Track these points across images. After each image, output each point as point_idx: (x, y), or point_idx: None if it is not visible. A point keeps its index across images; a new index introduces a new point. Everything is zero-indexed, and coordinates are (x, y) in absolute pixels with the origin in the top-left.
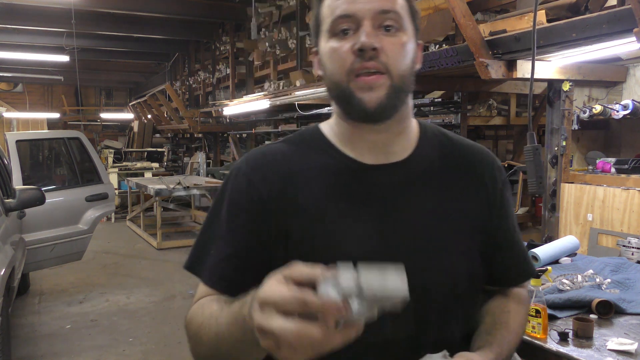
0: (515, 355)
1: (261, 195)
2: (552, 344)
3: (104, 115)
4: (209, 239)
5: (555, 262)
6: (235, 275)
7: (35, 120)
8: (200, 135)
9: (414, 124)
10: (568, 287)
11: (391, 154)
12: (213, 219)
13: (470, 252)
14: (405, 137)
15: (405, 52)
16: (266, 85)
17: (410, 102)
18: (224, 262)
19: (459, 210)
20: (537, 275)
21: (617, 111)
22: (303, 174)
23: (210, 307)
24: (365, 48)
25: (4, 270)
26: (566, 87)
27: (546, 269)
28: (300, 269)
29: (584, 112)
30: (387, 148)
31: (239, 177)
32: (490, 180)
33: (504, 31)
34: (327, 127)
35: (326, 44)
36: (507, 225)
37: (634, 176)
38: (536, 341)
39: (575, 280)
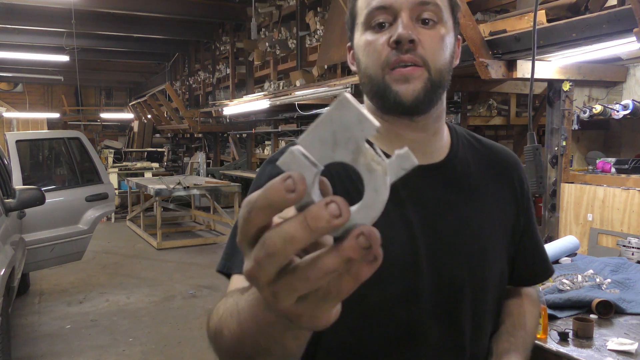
0: None
1: None
2: (552, 344)
3: (104, 115)
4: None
5: (555, 262)
6: None
7: (35, 120)
8: (200, 135)
9: (444, 125)
10: (568, 287)
11: (428, 155)
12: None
13: (503, 255)
14: (440, 137)
15: (443, 46)
16: (266, 85)
17: (445, 101)
18: None
19: (494, 213)
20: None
21: (617, 111)
22: (350, 175)
23: (233, 296)
24: (402, 40)
25: (4, 270)
26: (566, 87)
27: None
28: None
29: (584, 112)
30: (424, 148)
31: (276, 165)
32: (518, 183)
33: (504, 31)
34: None
35: (361, 37)
36: (532, 226)
37: (634, 176)
38: (536, 341)
39: (575, 280)
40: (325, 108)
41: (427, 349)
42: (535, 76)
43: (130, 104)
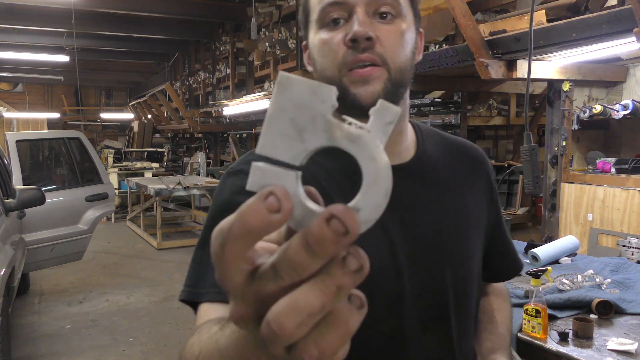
0: (515, 355)
1: None
2: (552, 344)
3: (104, 115)
4: (209, 255)
5: (555, 262)
6: None
7: (35, 120)
8: (200, 135)
9: (408, 124)
10: (568, 287)
11: (395, 155)
12: (207, 237)
13: (479, 251)
14: (405, 137)
15: (404, 42)
16: (266, 85)
17: (408, 100)
18: None
19: (469, 210)
20: (521, 269)
21: (617, 111)
22: (315, 178)
23: (209, 330)
24: (358, 38)
25: (4, 270)
26: (566, 87)
27: (546, 269)
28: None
29: (584, 112)
30: (389, 149)
31: (241, 177)
32: (487, 177)
33: (504, 31)
34: None
35: (316, 36)
36: (500, 221)
37: (634, 176)
38: (536, 341)
39: (575, 280)
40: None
41: (416, 356)
42: (536, 76)
43: (130, 104)
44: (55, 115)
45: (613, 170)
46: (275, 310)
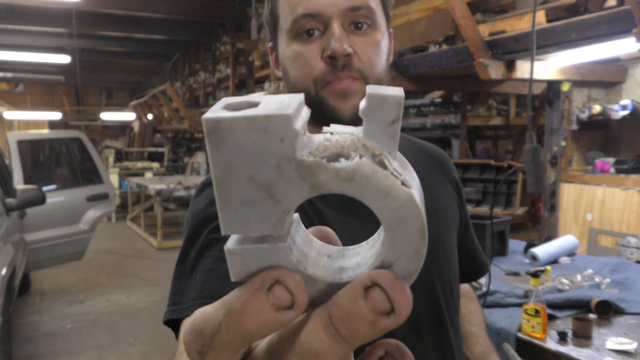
0: (515, 354)
1: None
2: (552, 344)
3: (105, 116)
4: (189, 271)
5: (554, 261)
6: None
7: (36, 120)
8: (200, 135)
9: None
10: (567, 287)
11: None
12: (190, 247)
13: (455, 253)
14: None
15: (380, 52)
16: (266, 85)
17: None
18: (213, 273)
19: (444, 210)
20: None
21: (617, 111)
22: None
23: None
24: (337, 55)
25: (5, 270)
26: (566, 87)
27: (545, 269)
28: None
29: (584, 112)
30: None
31: (210, 189)
32: (454, 178)
33: (504, 31)
34: None
35: (288, 47)
36: (469, 222)
37: (633, 176)
38: (535, 341)
39: (574, 280)
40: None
41: None
42: (535, 76)
43: (130, 104)
44: (56, 116)
45: (612, 170)
46: None
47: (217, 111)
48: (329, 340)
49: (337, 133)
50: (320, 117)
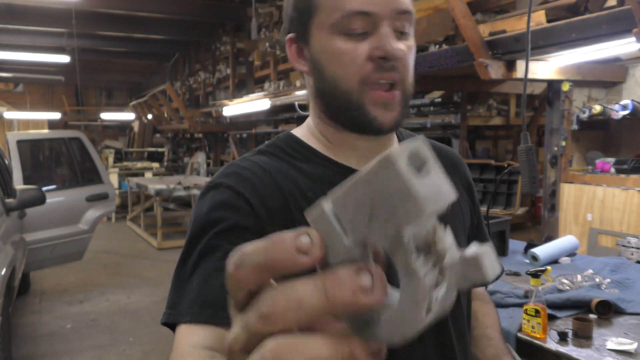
0: (515, 354)
1: (256, 210)
2: (552, 344)
3: (105, 116)
4: (188, 275)
5: (554, 262)
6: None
7: (36, 120)
8: (200, 135)
9: None
10: (567, 287)
11: None
12: (191, 250)
13: None
14: (392, 140)
15: (413, 59)
16: (266, 85)
17: None
18: (210, 280)
19: (455, 212)
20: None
21: (617, 111)
22: (297, 189)
23: None
24: (391, 57)
25: (4, 270)
26: (566, 87)
27: (546, 269)
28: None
29: (584, 112)
30: (377, 154)
31: (221, 191)
32: (467, 180)
33: (504, 31)
34: (305, 134)
35: (329, 42)
36: (482, 224)
37: (633, 176)
38: (536, 341)
39: (574, 280)
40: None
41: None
42: (535, 76)
43: (130, 104)
44: (56, 116)
45: (612, 170)
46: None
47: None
48: (316, 293)
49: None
50: (358, 123)
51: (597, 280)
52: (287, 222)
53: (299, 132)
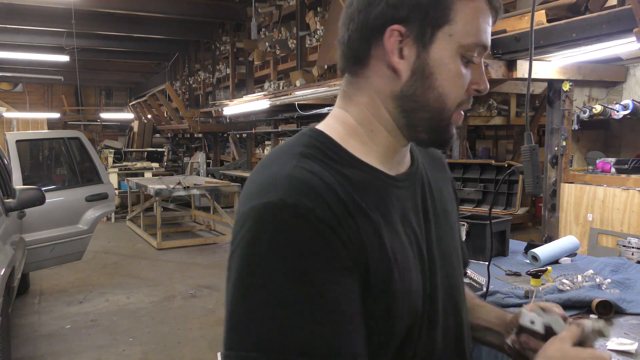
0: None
1: (340, 234)
2: None
3: (104, 115)
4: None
5: (555, 262)
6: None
7: (35, 120)
8: (200, 135)
9: None
10: (568, 287)
11: (403, 164)
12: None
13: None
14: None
15: None
16: (266, 85)
17: None
18: (351, 337)
19: (452, 211)
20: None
21: (617, 111)
22: (355, 197)
23: None
24: (484, 92)
25: (4, 270)
26: (566, 87)
27: (546, 269)
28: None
29: (584, 112)
30: (403, 158)
31: (305, 219)
32: (451, 178)
33: (504, 31)
34: (342, 135)
35: (453, 60)
36: (458, 219)
37: (634, 176)
38: None
39: (575, 280)
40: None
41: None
42: (536, 76)
43: (130, 104)
44: (55, 115)
45: (613, 170)
46: None
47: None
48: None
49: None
50: (439, 137)
51: (598, 280)
52: (358, 230)
53: (332, 131)
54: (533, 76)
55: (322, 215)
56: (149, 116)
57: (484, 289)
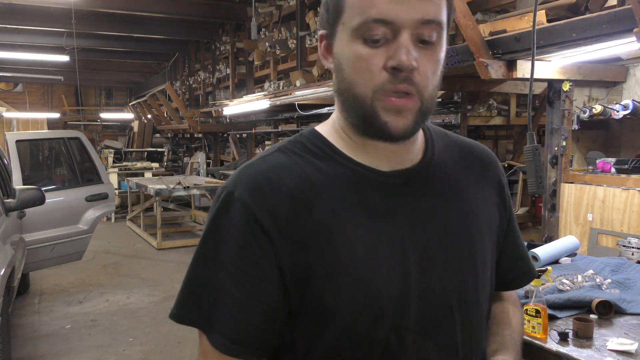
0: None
1: (268, 228)
2: (552, 344)
3: (104, 115)
4: (208, 286)
5: (555, 262)
6: (264, 328)
7: (35, 120)
8: (200, 135)
9: None
10: (568, 287)
11: (406, 160)
12: (208, 262)
13: (490, 259)
14: (416, 141)
15: (438, 69)
16: (266, 85)
17: None
18: (247, 311)
19: (479, 216)
20: (538, 275)
21: (617, 111)
22: (316, 190)
23: None
24: (404, 68)
25: (4, 270)
26: (566, 87)
27: (546, 269)
28: None
29: (584, 112)
30: (400, 156)
31: (234, 208)
32: (498, 181)
33: (504, 31)
34: (330, 132)
35: (349, 45)
36: (514, 226)
37: (634, 176)
38: (536, 341)
39: (575, 280)
40: None
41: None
42: (535, 76)
43: (130, 104)
44: (55, 115)
45: (613, 170)
46: None
47: None
48: None
49: None
50: (370, 129)
51: (598, 280)
52: (301, 230)
53: (323, 128)
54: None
55: (252, 206)
56: (149, 116)
57: None
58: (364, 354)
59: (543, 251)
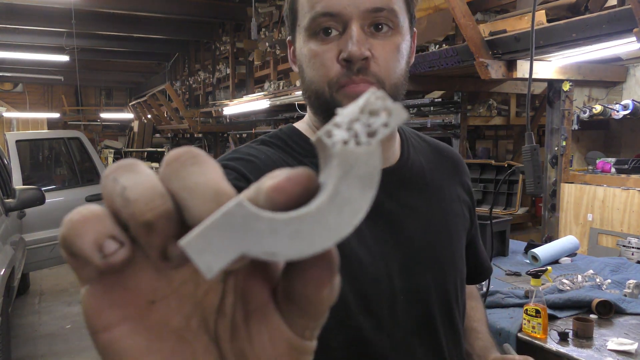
0: (509, 347)
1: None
2: (552, 344)
3: (104, 115)
4: None
5: (555, 262)
6: None
7: (35, 120)
8: (200, 135)
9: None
10: (568, 287)
11: (384, 159)
12: None
13: (463, 256)
14: (393, 141)
15: (399, 57)
16: (266, 85)
17: None
18: None
19: (453, 213)
20: (491, 273)
21: (617, 111)
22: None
23: None
24: (354, 59)
25: (4, 270)
26: (566, 87)
27: (546, 269)
28: None
29: (584, 112)
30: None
31: (227, 172)
32: (466, 181)
33: (504, 31)
34: (306, 128)
35: (304, 45)
36: (476, 224)
37: (634, 176)
38: (536, 341)
39: (575, 280)
40: None
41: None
42: (535, 76)
43: (130, 104)
44: (55, 115)
45: (613, 170)
46: None
47: None
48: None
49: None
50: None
51: (598, 280)
52: None
53: (301, 125)
54: (533, 76)
55: (244, 173)
56: (149, 116)
57: (484, 289)
58: (355, 350)
59: (543, 251)
